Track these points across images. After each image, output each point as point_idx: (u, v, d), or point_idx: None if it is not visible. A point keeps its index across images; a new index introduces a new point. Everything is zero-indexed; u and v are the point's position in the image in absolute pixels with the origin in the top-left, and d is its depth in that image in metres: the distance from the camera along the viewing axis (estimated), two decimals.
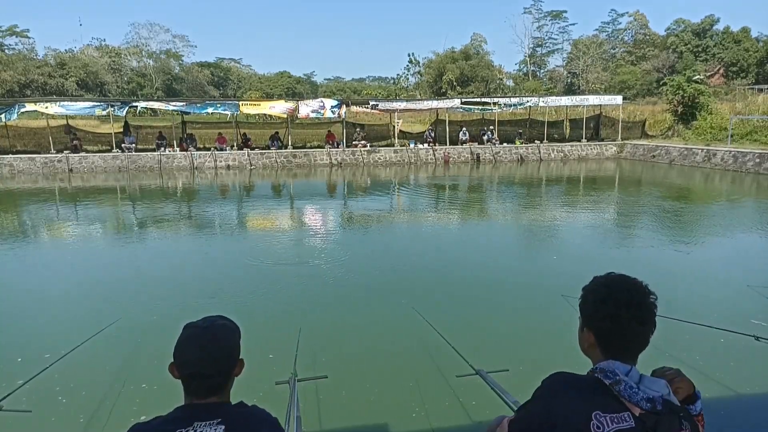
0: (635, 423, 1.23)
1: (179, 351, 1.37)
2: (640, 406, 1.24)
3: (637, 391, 1.25)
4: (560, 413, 1.26)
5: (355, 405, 4.49)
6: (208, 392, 1.37)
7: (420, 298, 6.97)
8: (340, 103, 26.07)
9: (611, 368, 1.30)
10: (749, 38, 46.97)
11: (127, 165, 22.69)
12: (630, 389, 1.26)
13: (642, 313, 1.32)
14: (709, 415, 1.50)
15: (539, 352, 5.29)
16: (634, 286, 1.35)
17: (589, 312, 1.39)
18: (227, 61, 69.08)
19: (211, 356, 1.35)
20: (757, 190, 17.18)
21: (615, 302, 1.33)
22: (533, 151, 26.97)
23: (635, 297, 1.33)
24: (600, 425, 1.22)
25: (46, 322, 6.31)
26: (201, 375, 1.35)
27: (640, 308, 1.32)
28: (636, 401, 1.25)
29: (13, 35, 52.47)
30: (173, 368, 1.37)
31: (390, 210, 14.93)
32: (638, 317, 1.32)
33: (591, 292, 1.40)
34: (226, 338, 1.40)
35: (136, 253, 9.85)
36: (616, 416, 1.24)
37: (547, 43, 63.31)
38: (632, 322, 1.31)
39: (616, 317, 1.32)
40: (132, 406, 4.38)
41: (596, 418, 1.23)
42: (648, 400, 1.24)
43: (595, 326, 1.37)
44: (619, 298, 1.33)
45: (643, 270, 8.18)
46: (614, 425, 1.22)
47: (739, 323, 5.87)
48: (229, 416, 1.33)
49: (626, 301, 1.32)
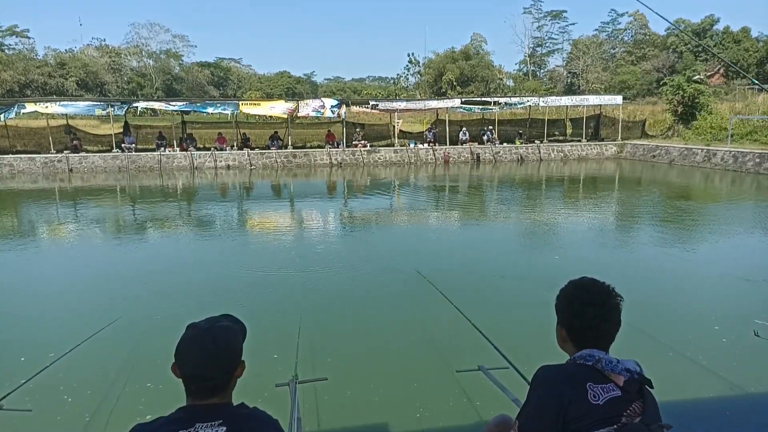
0: (621, 392, 1.44)
1: (180, 352, 1.37)
2: (622, 375, 1.45)
3: (617, 364, 1.47)
4: (566, 393, 1.44)
5: (356, 406, 4.49)
6: (208, 393, 1.36)
7: (420, 296, 6.97)
8: (340, 102, 26.07)
9: (589, 353, 1.51)
10: (749, 38, 46.94)
11: (127, 165, 22.69)
12: (610, 363, 1.47)
13: (605, 311, 1.53)
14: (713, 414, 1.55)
15: (539, 350, 5.28)
16: (599, 288, 1.58)
17: (561, 310, 1.61)
18: (227, 61, 69.03)
19: (211, 358, 1.35)
20: (758, 190, 17.18)
21: (581, 302, 1.55)
22: (533, 151, 26.98)
23: (599, 298, 1.55)
24: (595, 395, 1.43)
25: (45, 321, 6.31)
26: (201, 377, 1.35)
27: (603, 307, 1.54)
28: (618, 371, 1.46)
29: (13, 35, 52.49)
30: (175, 368, 1.37)
31: (390, 210, 14.92)
32: (602, 315, 1.53)
33: (563, 292, 1.63)
34: (227, 340, 1.39)
35: (136, 252, 9.84)
36: (604, 386, 1.45)
37: (547, 43, 63.36)
38: (596, 318, 1.53)
39: (581, 314, 1.54)
40: (133, 405, 4.38)
41: (591, 389, 1.44)
42: (627, 370, 1.46)
43: (566, 323, 1.58)
44: (585, 298, 1.55)
45: (644, 269, 8.18)
46: (606, 394, 1.43)
47: (740, 323, 5.88)
48: (231, 417, 1.33)
49: (591, 300, 1.54)
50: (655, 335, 5.47)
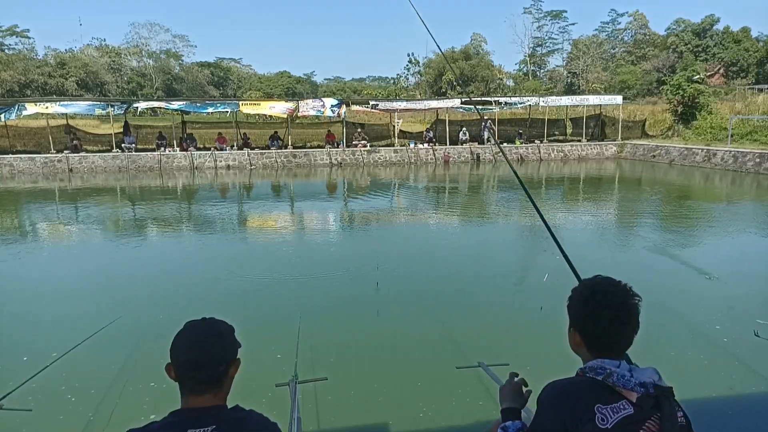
0: (634, 409, 1.30)
1: (174, 343, 1.36)
2: (635, 391, 1.30)
3: (630, 378, 1.32)
4: (569, 416, 1.32)
5: (356, 405, 4.49)
6: (202, 385, 1.34)
7: (420, 295, 6.97)
8: (340, 102, 26.07)
9: (600, 365, 1.36)
10: (749, 38, 46.96)
11: (127, 165, 22.68)
12: (622, 378, 1.32)
13: (622, 314, 1.38)
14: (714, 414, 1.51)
15: (539, 348, 5.28)
16: (616, 287, 1.42)
17: (574, 312, 1.46)
18: (227, 61, 68.98)
19: (204, 342, 1.35)
20: (758, 190, 17.18)
21: (596, 303, 1.39)
22: (533, 150, 26.98)
23: (616, 298, 1.39)
24: (603, 417, 1.29)
25: (45, 321, 6.31)
26: (194, 362, 1.33)
27: (620, 309, 1.38)
28: (630, 387, 1.31)
29: (13, 35, 52.51)
30: (169, 368, 1.36)
31: (390, 210, 14.92)
32: (619, 317, 1.38)
33: (576, 293, 1.47)
34: (220, 330, 1.40)
35: (137, 251, 9.83)
36: (615, 406, 1.30)
37: (547, 43, 63.40)
38: (614, 321, 1.37)
39: (597, 317, 1.38)
40: (133, 405, 4.37)
41: (599, 411, 1.30)
42: (641, 385, 1.31)
43: (579, 326, 1.44)
44: (600, 299, 1.39)
45: (645, 269, 8.18)
46: (616, 415, 1.29)
47: (741, 322, 5.87)
48: (223, 422, 1.31)
49: (607, 302, 1.38)
50: (655, 335, 5.46)
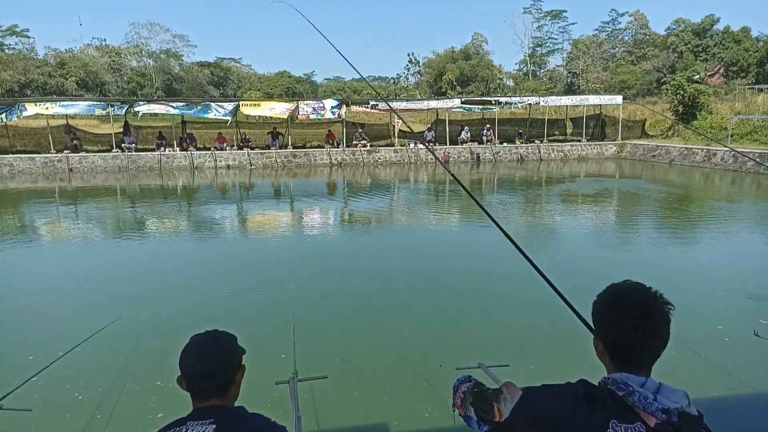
0: None
1: (183, 357, 1.42)
2: (656, 416, 1.19)
3: (653, 402, 1.20)
4: (580, 421, 1.24)
5: (356, 403, 4.49)
6: (210, 392, 1.39)
7: (420, 294, 6.96)
8: (340, 103, 26.06)
9: (623, 380, 1.25)
10: (749, 38, 46.91)
11: (127, 165, 22.68)
12: (644, 399, 1.20)
13: (648, 323, 1.25)
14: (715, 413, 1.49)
15: (539, 350, 5.28)
16: (643, 293, 1.29)
17: (597, 319, 1.35)
18: (227, 61, 69.02)
19: (212, 354, 1.41)
20: (758, 190, 17.18)
21: (620, 310, 1.27)
22: (533, 150, 26.97)
23: (642, 306, 1.26)
24: None
25: (45, 320, 6.30)
26: (203, 373, 1.38)
27: (647, 318, 1.25)
28: (651, 411, 1.19)
29: (13, 35, 52.55)
30: (181, 381, 1.42)
31: (390, 210, 14.91)
32: (644, 327, 1.25)
33: (600, 299, 1.36)
34: (226, 341, 1.47)
35: (137, 251, 9.82)
36: (629, 426, 1.21)
37: (547, 42, 63.39)
38: (637, 331, 1.24)
39: (619, 326, 1.26)
40: (134, 405, 4.37)
41: (612, 427, 1.21)
42: (663, 411, 1.18)
43: (602, 334, 1.33)
44: (625, 306, 1.27)
45: (645, 269, 8.16)
46: None
47: (743, 322, 5.87)
48: (222, 417, 1.36)
49: (632, 309, 1.26)
50: None
